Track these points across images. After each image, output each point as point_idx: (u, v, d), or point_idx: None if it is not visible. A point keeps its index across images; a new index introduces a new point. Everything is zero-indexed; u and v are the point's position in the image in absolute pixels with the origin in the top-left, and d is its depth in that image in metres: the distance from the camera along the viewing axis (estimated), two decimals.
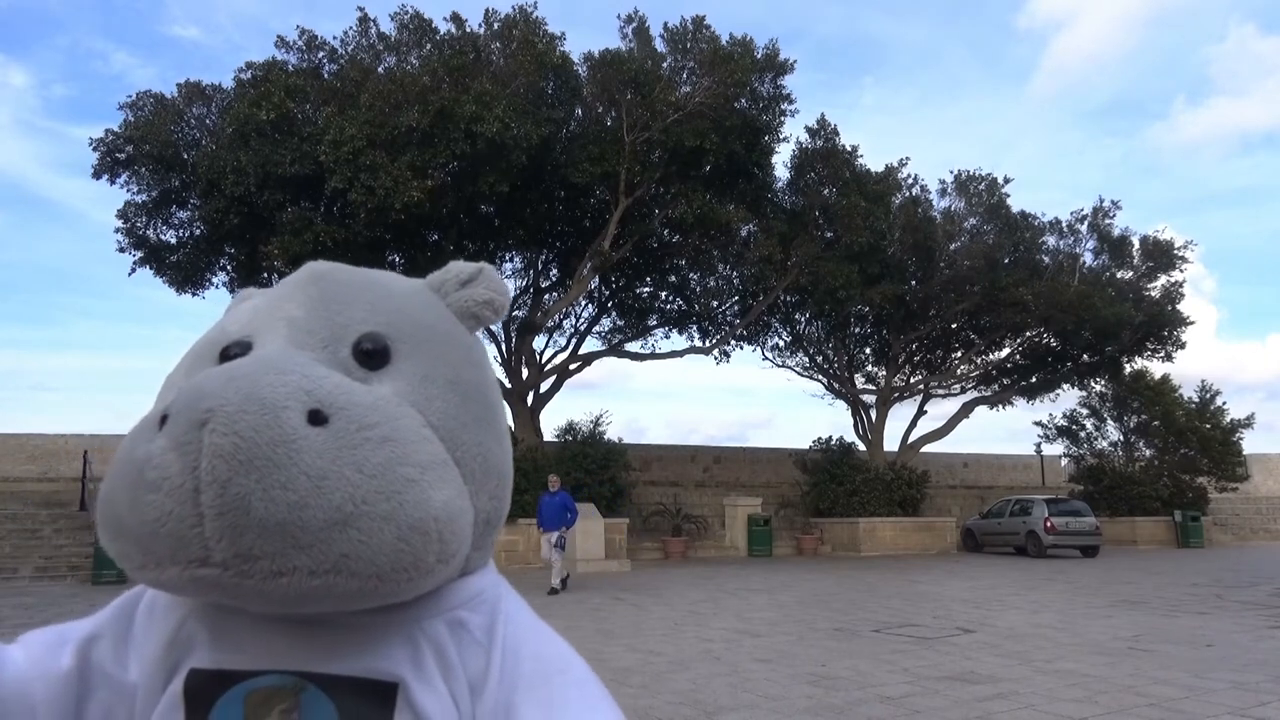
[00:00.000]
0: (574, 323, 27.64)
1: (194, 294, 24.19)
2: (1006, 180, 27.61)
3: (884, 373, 30.56)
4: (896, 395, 30.35)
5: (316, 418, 0.81)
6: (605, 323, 28.08)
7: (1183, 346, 29.07)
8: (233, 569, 0.79)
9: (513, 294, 27.09)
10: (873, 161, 40.18)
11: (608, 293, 27.05)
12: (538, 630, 1.00)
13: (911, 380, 30.95)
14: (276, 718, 0.89)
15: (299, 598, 0.81)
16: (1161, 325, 28.35)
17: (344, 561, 0.80)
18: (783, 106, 22.93)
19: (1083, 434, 33.48)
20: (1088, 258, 28.59)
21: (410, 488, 0.84)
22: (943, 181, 28.22)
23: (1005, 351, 30.53)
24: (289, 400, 0.80)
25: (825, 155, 25.01)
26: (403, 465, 0.84)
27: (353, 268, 1.07)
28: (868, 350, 31.36)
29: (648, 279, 26.80)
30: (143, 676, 0.98)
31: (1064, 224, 28.53)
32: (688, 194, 21.70)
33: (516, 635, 0.97)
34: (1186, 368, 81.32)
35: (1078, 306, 25.76)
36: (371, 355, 0.95)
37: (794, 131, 41.22)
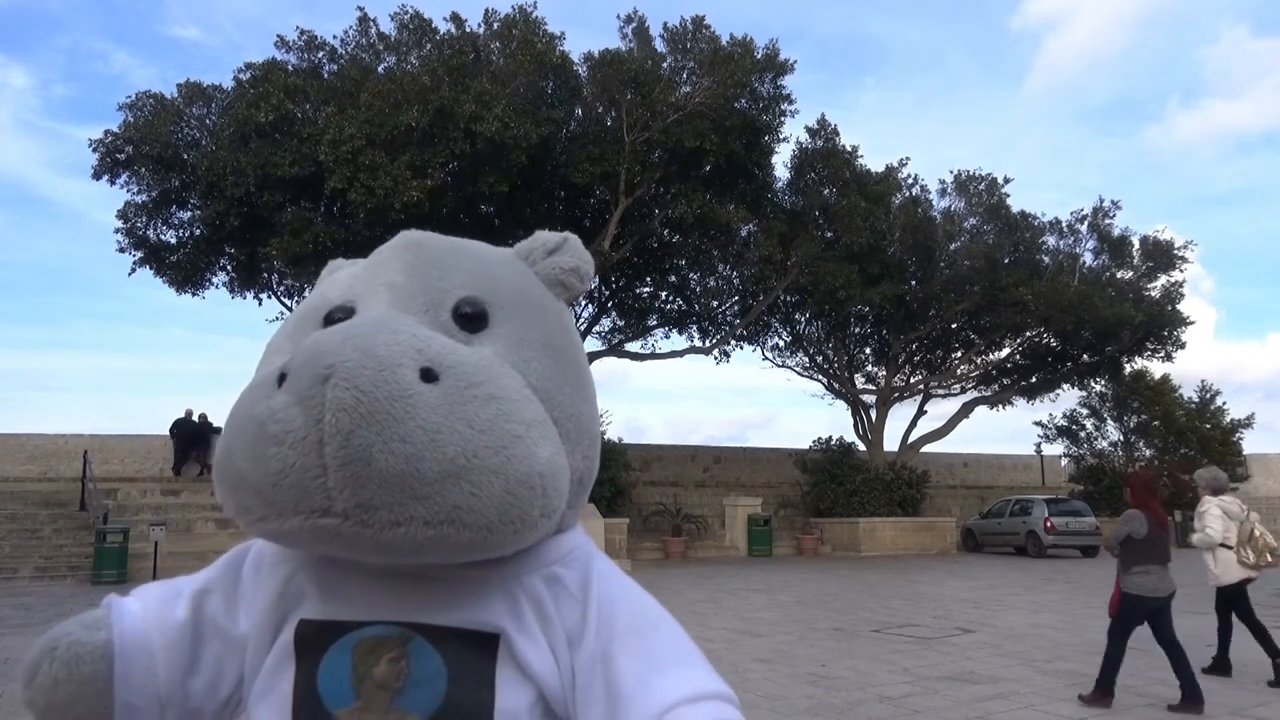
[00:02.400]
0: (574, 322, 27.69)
1: (194, 294, 24.22)
2: (1006, 180, 27.63)
3: (884, 373, 30.56)
4: (896, 395, 30.35)
5: (428, 375, 0.85)
6: (605, 322, 28.10)
7: (1183, 346, 29.07)
8: (353, 519, 0.82)
9: None
10: (873, 162, 40.19)
11: (608, 293, 27.05)
12: (629, 587, 1.03)
13: (911, 380, 30.95)
14: (384, 666, 0.93)
15: (413, 548, 0.85)
16: (1161, 325, 28.33)
17: (457, 513, 0.84)
18: (783, 107, 22.93)
19: (1083, 434, 33.48)
20: (1088, 258, 28.60)
21: (517, 443, 0.87)
22: (943, 181, 28.24)
23: (1005, 351, 30.53)
24: (403, 358, 0.84)
25: (825, 155, 25.01)
26: (509, 422, 0.88)
27: (444, 236, 1.12)
28: (868, 350, 31.36)
29: (648, 279, 26.80)
30: (253, 628, 1.02)
31: (1064, 224, 28.54)
32: (688, 194, 21.70)
33: (610, 590, 1.00)
34: (1186, 368, 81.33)
35: (1078, 306, 25.76)
36: (471, 319, 1.00)
37: (794, 132, 41.23)
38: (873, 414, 30.24)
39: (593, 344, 27.77)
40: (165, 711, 1.00)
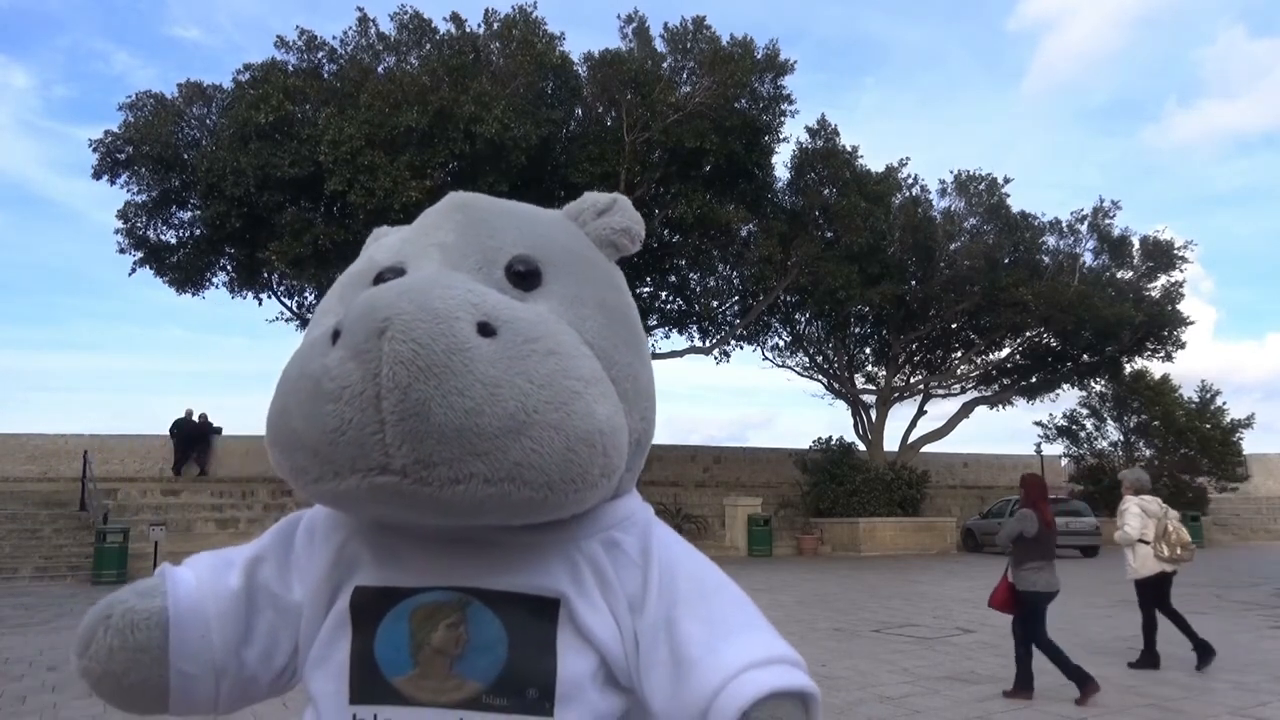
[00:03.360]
0: None
1: (194, 294, 24.21)
2: (1006, 180, 27.64)
3: (884, 373, 30.55)
4: (896, 395, 30.33)
5: (485, 329, 0.83)
6: None
7: (1182, 346, 29.07)
8: (412, 476, 0.81)
9: None
10: (873, 162, 40.13)
11: None
12: (689, 552, 1.02)
13: (911, 380, 30.94)
14: (442, 632, 0.91)
15: (473, 507, 0.83)
16: (1161, 325, 28.32)
17: (517, 470, 0.82)
18: (783, 107, 22.92)
19: (1083, 434, 33.47)
20: (1088, 258, 28.60)
21: (576, 400, 0.85)
22: (943, 181, 28.23)
23: (1005, 351, 30.52)
24: (459, 311, 0.83)
25: (825, 155, 25.00)
26: (567, 378, 0.86)
27: (492, 197, 1.10)
28: (868, 350, 31.34)
29: (648, 279, 26.78)
30: (307, 596, 1.01)
31: (1064, 224, 28.55)
32: (688, 194, 21.69)
33: (671, 555, 0.99)
34: (1186, 368, 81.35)
35: (1078, 306, 25.75)
36: (524, 276, 0.98)
37: (794, 132, 41.19)
38: (873, 414, 30.23)
39: None
40: (220, 681, 0.98)
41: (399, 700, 0.90)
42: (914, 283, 27.64)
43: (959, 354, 31.07)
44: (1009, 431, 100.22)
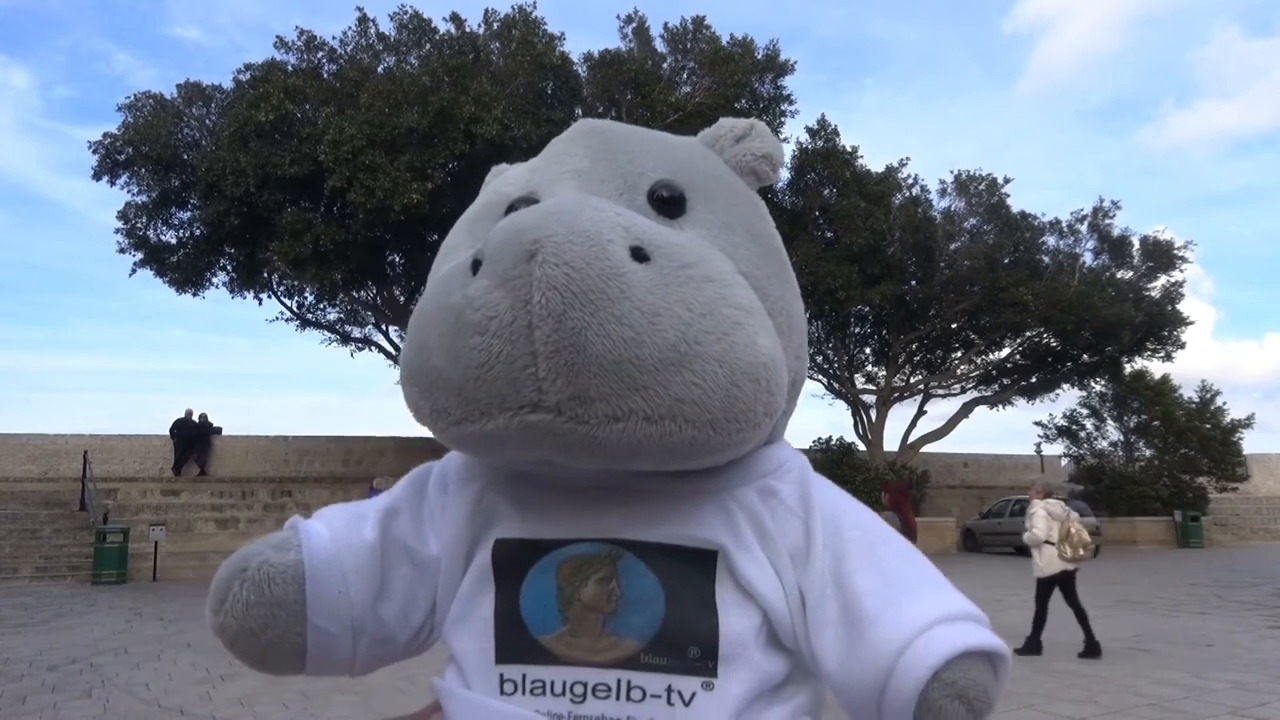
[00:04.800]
0: None
1: (194, 294, 24.22)
2: (1006, 180, 27.65)
3: (884, 373, 30.54)
4: (896, 395, 30.33)
5: (638, 254, 0.77)
6: None
7: (1182, 346, 29.06)
8: (566, 413, 0.74)
9: None
10: (873, 162, 40.08)
11: None
12: (850, 500, 0.96)
13: (911, 380, 30.93)
14: (593, 586, 0.85)
15: (631, 447, 0.77)
16: (1161, 325, 28.32)
17: (679, 406, 0.75)
18: (783, 107, 22.94)
19: (1083, 434, 33.46)
20: (1088, 258, 28.59)
21: (737, 330, 0.79)
22: (943, 181, 28.23)
23: (1005, 351, 30.51)
24: (611, 234, 0.76)
25: (825, 156, 25.01)
26: (727, 306, 0.79)
27: (623, 124, 1.04)
28: (868, 350, 31.34)
29: None
30: (444, 549, 0.95)
31: (1064, 224, 28.54)
32: None
33: (832, 504, 0.93)
34: (1185, 368, 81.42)
35: (1078, 306, 25.74)
36: (669, 202, 0.92)
37: (794, 132, 41.15)
38: (873, 414, 30.22)
39: None
40: (358, 639, 0.92)
41: (549, 659, 0.85)
42: (914, 283, 27.64)
43: (959, 354, 31.06)
44: (1009, 431, 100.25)
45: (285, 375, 75.58)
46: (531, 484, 0.90)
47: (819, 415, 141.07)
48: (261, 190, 20.01)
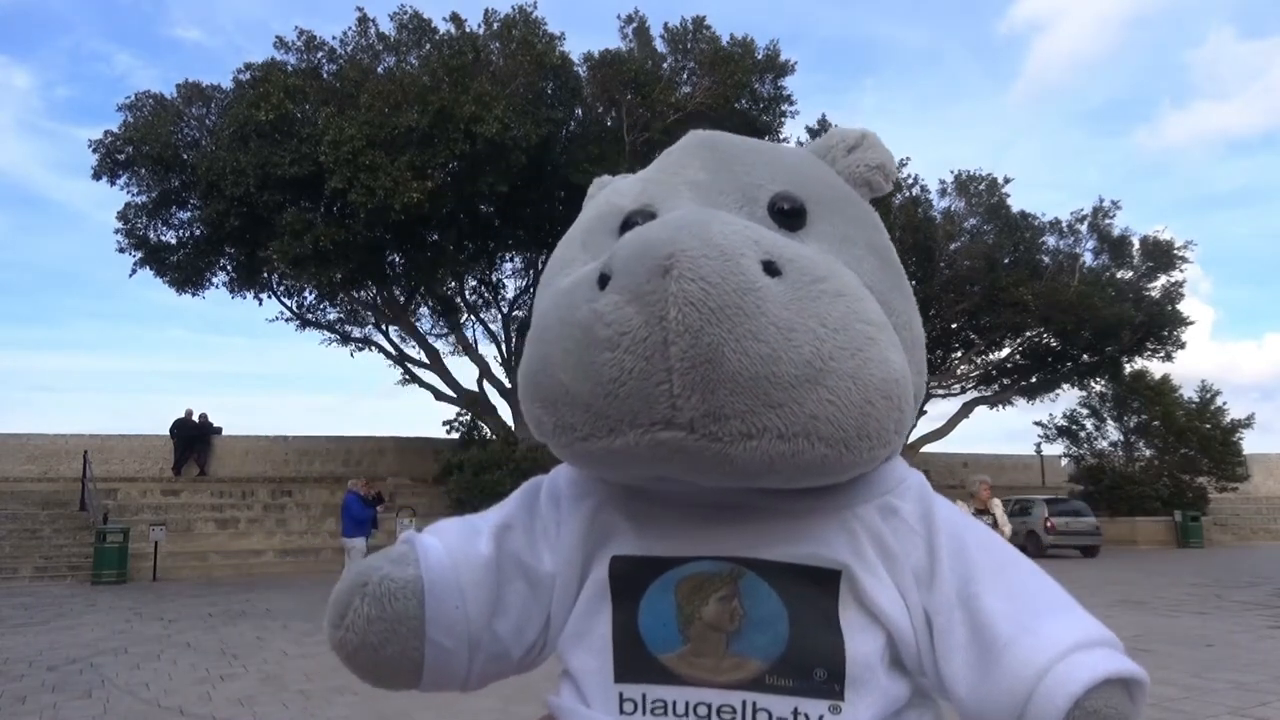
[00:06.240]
0: None
1: (194, 294, 24.23)
2: (1006, 180, 27.62)
3: None
4: None
5: (770, 268, 0.75)
6: None
7: (1182, 346, 29.05)
8: (700, 430, 0.73)
9: (512, 294, 27.08)
10: None
11: None
12: (970, 519, 0.94)
13: None
14: (714, 606, 0.84)
15: (763, 465, 0.75)
16: (1161, 325, 28.32)
17: (813, 424, 0.74)
18: (783, 107, 22.95)
19: (1083, 434, 33.44)
20: (1088, 258, 28.58)
21: (870, 346, 0.78)
22: (943, 181, 28.20)
23: (1005, 351, 30.51)
24: (743, 247, 0.74)
25: None
26: (859, 322, 0.78)
27: (735, 135, 1.03)
28: None
29: None
30: (559, 565, 0.94)
31: (1064, 224, 28.52)
32: None
33: (955, 524, 0.90)
34: (1184, 368, 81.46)
35: (1078, 306, 25.74)
36: (790, 215, 0.90)
37: (794, 133, 41.22)
38: None
39: None
40: (474, 654, 0.91)
41: (670, 679, 0.83)
42: (914, 283, 27.28)
43: (959, 354, 31.05)
44: (1009, 431, 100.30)
45: (285, 375, 75.62)
46: (648, 500, 0.89)
47: None
48: (261, 190, 20.00)
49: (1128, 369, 30.48)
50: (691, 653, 0.83)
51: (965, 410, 30.69)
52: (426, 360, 25.41)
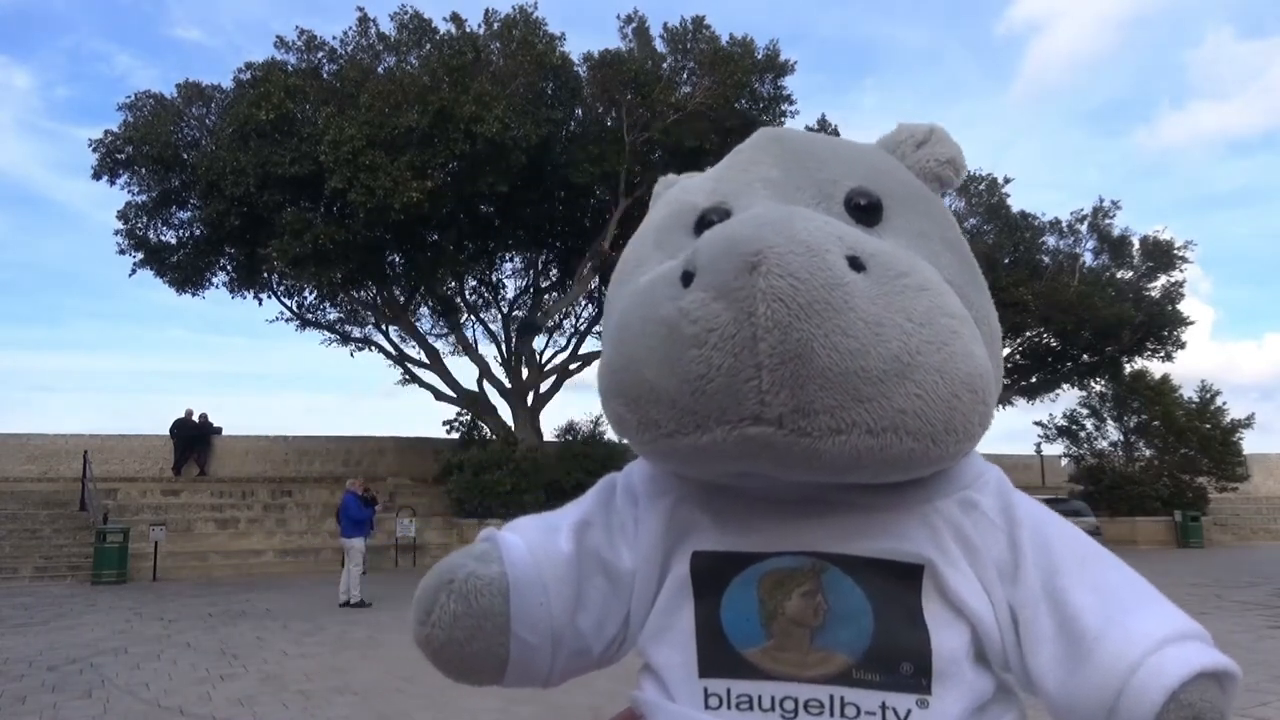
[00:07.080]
0: (574, 323, 27.57)
1: (194, 294, 24.23)
2: (1006, 180, 27.62)
3: None
4: None
5: (855, 264, 0.76)
6: None
7: (1182, 346, 29.05)
8: (788, 426, 0.74)
9: (512, 294, 27.08)
10: None
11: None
12: (1051, 512, 0.94)
13: None
14: (797, 601, 0.84)
15: (851, 460, 0.76)
16: (1161, 325, 28.32)
17: (901, 419, 0.75)
18: (783, 107, 22.91)
19: (1083, 434, 33.42)
20: (1088, 258, 28.59)
21: (955, 340, 0.78)
22: None
23: (1005, 352, 30.45)
24: (828, 243, 0.75)
25: None
26: (944, 316, 0.79)
27: (804, 131, 1.03)
28: None
29: None
30: (638, 562, 0.94)
31: (1064, 224, 28.54)
32: None
33: (1037, 517, 0.91)
34: (1184, 368, 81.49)
35: (1078, 306, 25.74)
36: (866, 210, 0.91)
37: None
38: None
39: (593, 344, 27.76)
40: (557, 650, 0.92)
41: (754, 674, 0.84)
42: None
43: None
44: (1009, 431, 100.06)
45: (285, 375, 75.55)
46: (728, 496, 0.89)
47: None
48: (261, 190, 20.00)
49: (1128, 369, 30.47)
50: (775, 648, 0.84)
51: None
52: (426, 360, 25.41)
